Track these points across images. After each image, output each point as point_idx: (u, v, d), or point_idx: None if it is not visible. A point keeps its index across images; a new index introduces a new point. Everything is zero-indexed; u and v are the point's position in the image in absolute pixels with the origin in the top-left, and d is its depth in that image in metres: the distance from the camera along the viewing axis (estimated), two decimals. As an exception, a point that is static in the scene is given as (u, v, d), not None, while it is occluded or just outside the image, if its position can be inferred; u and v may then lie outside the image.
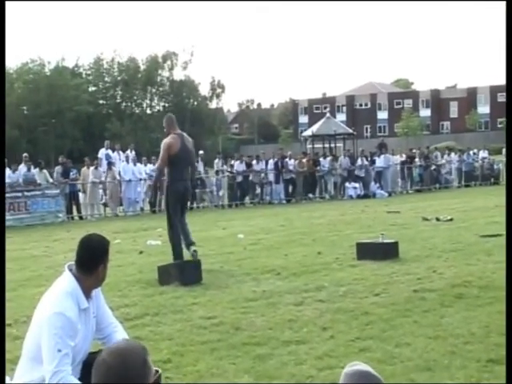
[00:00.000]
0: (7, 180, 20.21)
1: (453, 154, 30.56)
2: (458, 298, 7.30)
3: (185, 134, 10.33)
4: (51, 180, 20.64)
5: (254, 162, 25.18)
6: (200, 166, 23.90)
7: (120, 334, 4.08)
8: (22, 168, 20.67)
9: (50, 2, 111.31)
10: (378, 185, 26.39)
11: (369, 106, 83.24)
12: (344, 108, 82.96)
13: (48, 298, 3.85)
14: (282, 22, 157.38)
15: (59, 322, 3.66)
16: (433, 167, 28.54)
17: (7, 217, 18.71)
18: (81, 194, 21.45)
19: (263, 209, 22.07)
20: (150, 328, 6.59)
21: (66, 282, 3.83)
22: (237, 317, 6.88)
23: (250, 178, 24.55)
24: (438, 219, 14.88)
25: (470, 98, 78.94)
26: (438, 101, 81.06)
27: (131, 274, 9.45)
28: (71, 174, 21.43)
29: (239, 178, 24.21)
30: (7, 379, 3.69)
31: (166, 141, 10.10)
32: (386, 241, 10.32)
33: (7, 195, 19.07)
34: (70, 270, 3.86)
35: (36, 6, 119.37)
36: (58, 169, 21.26)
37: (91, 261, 3.83)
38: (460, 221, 14.63)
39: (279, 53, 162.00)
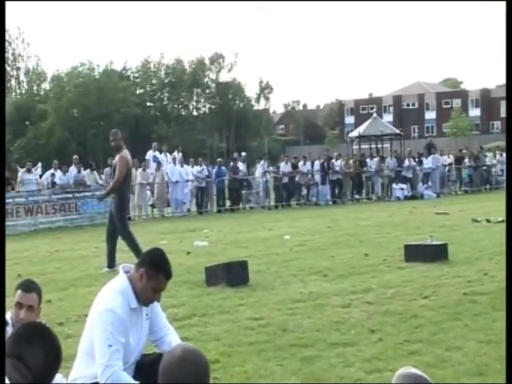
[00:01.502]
0: (58, 181, 20.62)
1: (504, 154, 29.94)
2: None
3: None
4: (101, 181, 20.95)
5: (301, 163, 25.12)
6: (244, 168, 24.00)
7: (172, 337, 4.14)
8: (73, 170, 21.07)
9: (99, 7, 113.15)
10: (425, 186, 26.04)
11: (416, 106, 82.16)
12: (391, 108, 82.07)
13: (101, 296, 3.98)
14: (328, 22, 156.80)
15: (110, 318, 3.76)
16: (483, 168, 28.03)
17: (58, 217, 19.07)
18: (129, 196, 21.70)
19: (309, 210, 22.01)
20: (198, 328, 6.63)
21: (119, 281, 3.95)
22: (284, 318, 6.87)
23: (296, 179, 24.50)
24: (488, 221, 14.60)
25: (521, 97, 77.14)
26: (487, 100, 79.53)
27: (179, 275, 9.50)
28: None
29: (285, 180, 24.18)
30: (59, 376, 3.77)
31: (124, 156, 10.74)
32: (434, 243, 10.18)
33: (58, 196, 19.44)
34: (125, 272, 3.98)
35: (86, 11, 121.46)
36: (107, 170, 21.54)
37: (143, 260, 4.01)
38: None
39: (325, 53, 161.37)
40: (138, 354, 4.00)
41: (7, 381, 3.54)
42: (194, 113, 75.38)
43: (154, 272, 3.88)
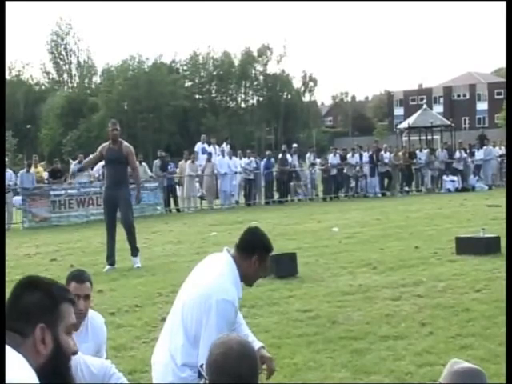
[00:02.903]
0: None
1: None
2: None
3: None
4: (150, 173, 21.17)
5: (349, 155, 24.93)
6: (295, 160, 23.97)
7: (245, 329, 4.10)
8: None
9: (148, 1, 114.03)
10: (477, 178, 25.57)
11: (467, 96, 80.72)
12: (441, 99, 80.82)
13: (211, 278, 3.75)
14: (376, 11, 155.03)
15: (228, 310, 3.65)
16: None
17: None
18: (178, 187, 21.89)
19: (358, 202, 21.84)
20: (247, 320, 6.59)
21: (230, 266, 3.79)
22: (333, 310, 6.85)
23: (345, 170, 24.34)
24: (542, 213, 14.25)
25: None
26: (542, 90, 77.61)
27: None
28: (169, 167, 21.91)
29: (333, 171, 24.04)
30: (103, 360, 3.67)
31: (132, 147, 10.68)
32: (487, 235, 10.00)
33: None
34: (231, 255, 3.85)
35: (135, 5, 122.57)
36: (157, 162, 21.78)
37: (249, 245, 3.82)
38: None
39: (374, 44, 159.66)
40: None
41: (100, 365, 3.53)
42: (243, 105, 75.55)
43: (266, 254, 3.82)
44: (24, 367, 1.87)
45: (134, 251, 10.46)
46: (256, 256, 3.78)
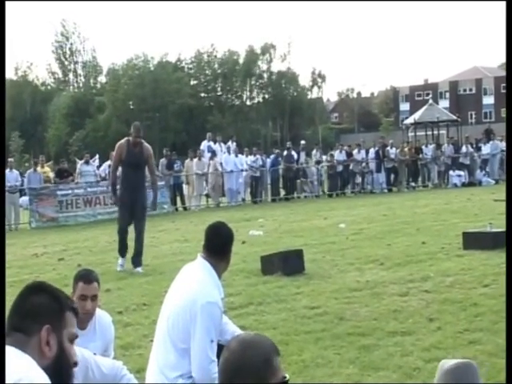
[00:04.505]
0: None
1: None
2: None
3: None
4: (157, 172, 21.15)
5: (355, 151, 24.90)
6: (302, 157, 23.96)
7: (232, 327, 4.11)
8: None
9: (152, 2, 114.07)
10: (483, 172, 25.50)
11: (474, 91, 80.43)
12: (447, 94, 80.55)
13: (192, 285, 3.81)
14: (381, 7, 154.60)
15: (214, 312, 3.69)
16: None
17: (116, 208, 19.32)
18: (184, 186, 21.90)
19: (364, 198, 21.82)
20: (255, 317, 6.65)
21: (208, 270, 3.86)
22: (341, 307, 6.84)
23: (351, 167, 24.31)
24: (549, 207, 14.20)
25: None
26: (548, 83, 77.34)
27: (235, 264, 9.53)
28: (175, 166, 21.91)
29: (339, 168, 24.02)
30: (111, 361, 3.66)
31: (151, 149, 10.24)
32: (494, 230, 9.96)
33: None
34: (205, 260, 3.93)
35: (140, 5, 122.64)
36: (163, 161, 21.78)
37: (221, 245, 3.95)
38: None
39: (379, 40, 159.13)
40: None
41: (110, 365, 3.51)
42: (248, 102, 75.50)
43: (232, 242, 3.98)
44: (35, 367, 1.87)
45: (137, 260, 9.81)
46: (229, 251, 3.87)
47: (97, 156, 23.95)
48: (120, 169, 10.25)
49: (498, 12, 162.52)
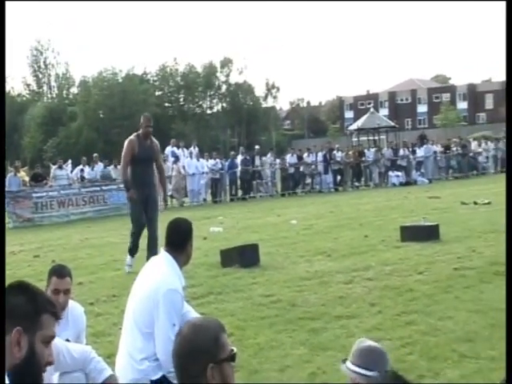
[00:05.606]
0: (87, 176, 20.67)
1: (489, 143, 29.74)
2: (497, 274, 7.11)
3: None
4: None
5: (305, 154, 25.05)
6: (257, 160, 23.99)
7: (193, 314, 4.11)
8: (99, 165, 21.12)
9: (120, 20, 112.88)
10: (419, 173, 25.92)
11: (409, 100, 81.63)
12: (386, 103, 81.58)
13: (155, 275, 3.81)
14: (328, 25, 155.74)
15: (175, 298, 3.68)
16: (470, 155, 27.84)
17: (88, 209, 19.10)
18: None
19: (314, 197, 21.95)
20: (215, 305, 6.64)
21: (169, 262, 3.84)
22: (292, 294, 6.88)
23: (301, 169, 24.43)
24: (475, 203, 14.52)
25: (504, 91, 76.60)
26: (474, 94, 78.89)
27: (197, 258, 9.49)
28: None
29: (291, 170, 24.12)
30: (87, 351, 3.62)
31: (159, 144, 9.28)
32: (428, 224, 10.15)
33: (87, 189, 19.49)
34: (167, 252, 3.91)
35: (108, 23, 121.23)
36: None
37: (181, 239, 3.91)
38: (497, 204, 14.22)
39: (326, 54, 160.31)
40: None
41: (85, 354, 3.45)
42: (208, 111, 75.22)
43: (192, 235, 3.94)
44: None
45: (154, 246, 8.58)
46: (189, 243, 3.88)
47: (69, 161, 23.55)
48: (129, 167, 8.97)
49: (430, 29, 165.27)
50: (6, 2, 4.31)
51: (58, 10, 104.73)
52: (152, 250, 8.27)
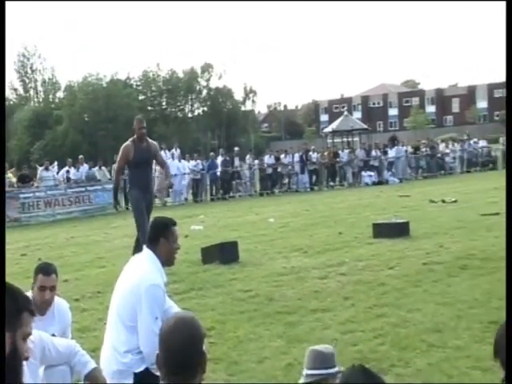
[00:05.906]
0: (72, 177, 20.48)
1: (456, 144, 30.08)
2: (463, 268, 7.20)
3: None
4: (109, 176, 20.80)
5: (282, 155, 25.08)
6: (236, 161, 23.96)
7: (175, 309, 4.09)
8: (85, 167, 20.94)
9: (104, 26, 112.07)
10: (390, 173, 26.10)
11: (381, 104, 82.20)
12: (359, 107, 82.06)
13: (137, 271, 3.79)
14: (303, 31, 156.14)
15: (157, 292, 3.66)
16: (438, 156, 28.13)
17: (73, 208, 18.93)
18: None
19: (290, 196, 21.99)
20: (196, 300, 6.63)
21: (151, 258, 3.83)
22: (270, 289, 6.88)
23: (279, 169, 24.46)
24: (443, 201, 14.66)
25: (469, 95, 77.50)
26: (441, 98, 79.74)
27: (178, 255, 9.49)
28: (125, 170, 21.50)
29: (269, 170, 24.14)
30: (73, 345, 3.58)
31: (157, 144, 9.17)
32: (398, 221, 10.23)
33: (73, 190, 19.31)
34: (148, 248, 3.90)
35: (93, 29, 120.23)
36: (115, 166, 21.36)
37: (155, 235, 3.89)
38: (463, 202, 14.41)
39: (302, 59, 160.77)
40: None
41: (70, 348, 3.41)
42: (189, 115, 75.04)
43: (168, 230, 3.87)
44: None
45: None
46: (162, 238, 3.85)
47: (55, 163, 23.32)
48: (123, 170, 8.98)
49: (402, 36, 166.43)
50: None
51: (43, 15, 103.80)
52: (138, 248, 7.81)
